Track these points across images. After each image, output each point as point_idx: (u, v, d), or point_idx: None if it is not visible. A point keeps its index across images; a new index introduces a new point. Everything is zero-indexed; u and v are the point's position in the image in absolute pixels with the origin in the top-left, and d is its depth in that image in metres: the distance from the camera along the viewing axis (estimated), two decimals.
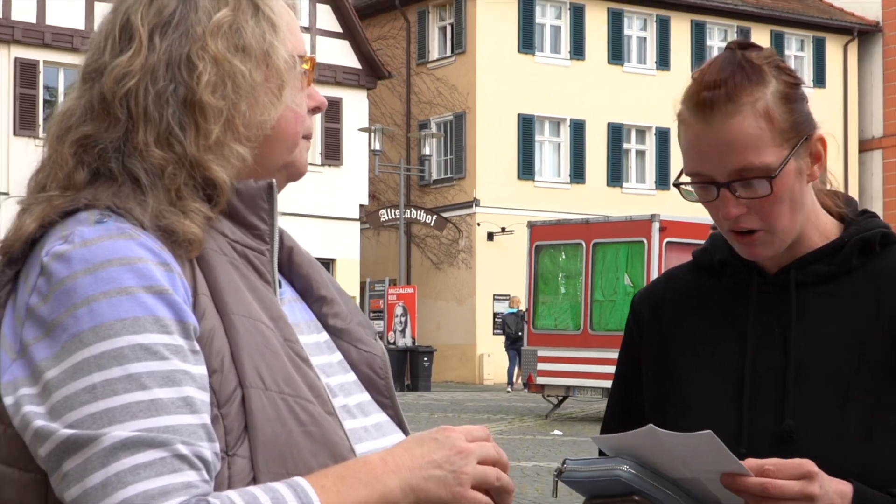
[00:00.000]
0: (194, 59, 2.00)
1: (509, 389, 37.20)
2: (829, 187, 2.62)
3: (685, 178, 2.51)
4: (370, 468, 1.89)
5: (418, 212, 44.22)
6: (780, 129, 2.45)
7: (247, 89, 2.03)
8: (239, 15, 2.06)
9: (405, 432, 2.18)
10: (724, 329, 2.58)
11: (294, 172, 2.16)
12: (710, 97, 2.46)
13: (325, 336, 2.19)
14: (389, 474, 1.89)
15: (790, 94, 2.48)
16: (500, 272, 43.42)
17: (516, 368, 36.27)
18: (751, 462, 2.27)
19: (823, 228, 2.55)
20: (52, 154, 2.03)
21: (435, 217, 44.32)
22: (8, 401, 1.86)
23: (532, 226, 27.56)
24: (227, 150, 2.01)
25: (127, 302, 1.84)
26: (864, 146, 51.12)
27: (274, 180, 2.09)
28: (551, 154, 46.83)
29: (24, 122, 36.40)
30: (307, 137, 2.17)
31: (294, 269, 2.22)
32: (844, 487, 2.33)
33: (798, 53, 50.29)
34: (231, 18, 2.05)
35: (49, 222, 1.94)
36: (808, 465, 2.28)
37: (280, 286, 2.13)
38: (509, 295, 40.88)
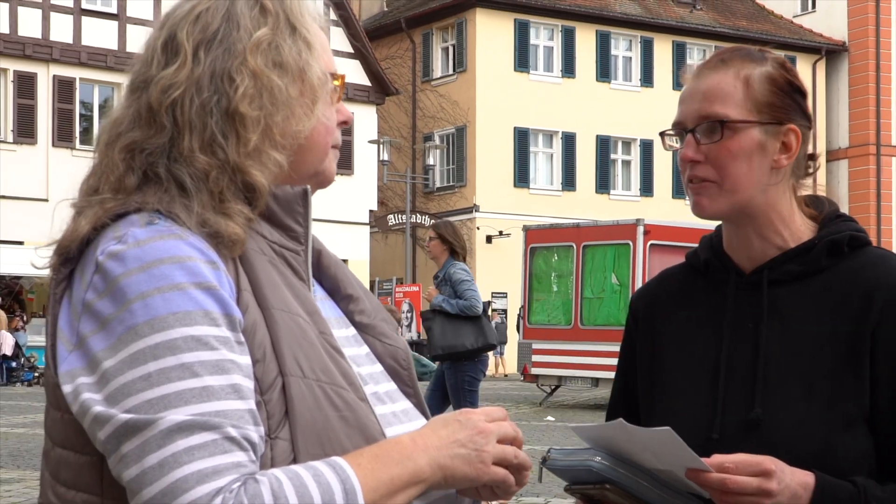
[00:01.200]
0: (235, 74, 2.01)
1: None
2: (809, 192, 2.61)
3: (670, 130, 2.56)
4: (401, 448, 1.90)
5: (423, 217, 44.17)
6: (753, 98, 2.47)
7: (283, 102, 2.03)
8: (277, 34, 2.06)
9: (427, 418, 2.19)
10: (705, 324, 2.58)
11: (323, 180, 2.16)
12: (710, 60, 2.54)
13: (352, 331, 2.19)
14: (419, 453, 1.90)
15: (780, 81, 2.50)
16: (498, 272, 43.40)
17: None
18: (714, 459, 2.26)
19: (797, 230, 2.53)
20: (103, 159, 2.03)
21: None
22: (66, 389, 1.87)
23: (527, 229, 27.53)
24: (265, 156, 2.01)
25: (179, 297, 1.85)
26: (831, 156, 51.08)
27: (308, 186, 2.10)
28: (544, 164, 46.81)
29: (62, 135, 36.44)
30: (335, 147, 2.17)
31: (323, 270, 2.22)
32: (808, 479, 2.31)
33: None
34: (270, 37, 2.05)
35: (102, 224, 1.94)
36: (768, 462, 2.27)
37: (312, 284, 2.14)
38: (506, 293, 40.87)
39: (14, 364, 33.49)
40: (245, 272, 1.97)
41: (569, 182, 46.67)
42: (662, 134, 2.56)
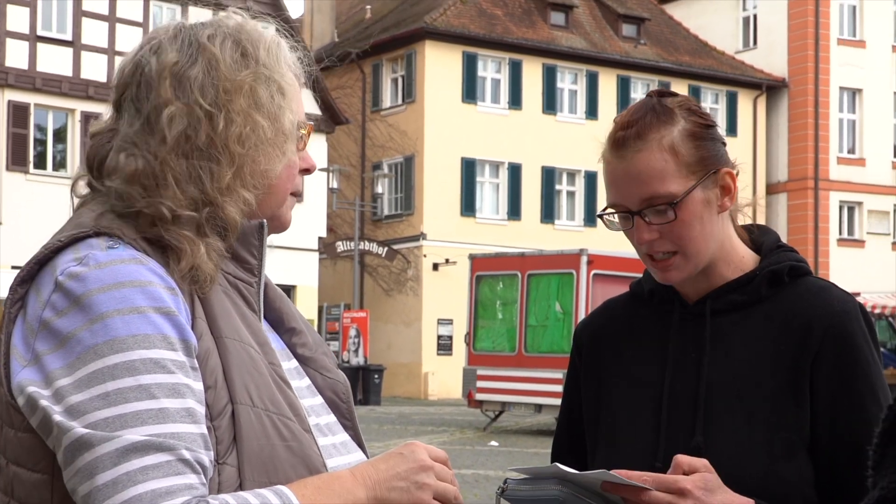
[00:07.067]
0: (214, 111, 2.02)
1: None
2: (741, 222, 2.62)
3: (609, 210, 2.52)
4: (342, 482, 1.94)
5: (371, 244, 44.14)
6: (685, 162, 2.46)
7: (257, 143, 2.05)
8: (257, 78, 2.08)
9: (364, 450, 2.22)
10: (649, 353, 2.58)
11: (278, 225, 2.18)
12: (623, 135, 2.49)
13: (294, 363, 2.20)
14: (359, 487, 1.94)
15: (697, 132, 2.48)
16: (444, 299, 43.39)
17: None
18: (633, 473, 2.28)
19: (740, 261, 2.55)
20: (77, 181, 2.07)
21: (386, 249, 44.26)
22: (20, 400, 1.88)
23: (473, 258, 27.57)
24: (236, 195, 2.03)
25: (139, 320, 1.87)
26: (771, 189, 51.40)
27: (265, 220, 2.12)
28: (491, 193, 46.86)
29: (16, 159, 36.07)
30: (294, 195, 2.19)
31: (267, 303, 2.23)
32: None
33: (713, 106, 50.43)
34: (251, 80, 2.07)
35: (68, 243, 1.95)
36: (683, 481, 2.28)
37: None
38: (452, 319, 40.88)
39: None
40: (200, 300, 1.99)
41: (514, 212, 46.73)
42: (601, 215, 2.55)
